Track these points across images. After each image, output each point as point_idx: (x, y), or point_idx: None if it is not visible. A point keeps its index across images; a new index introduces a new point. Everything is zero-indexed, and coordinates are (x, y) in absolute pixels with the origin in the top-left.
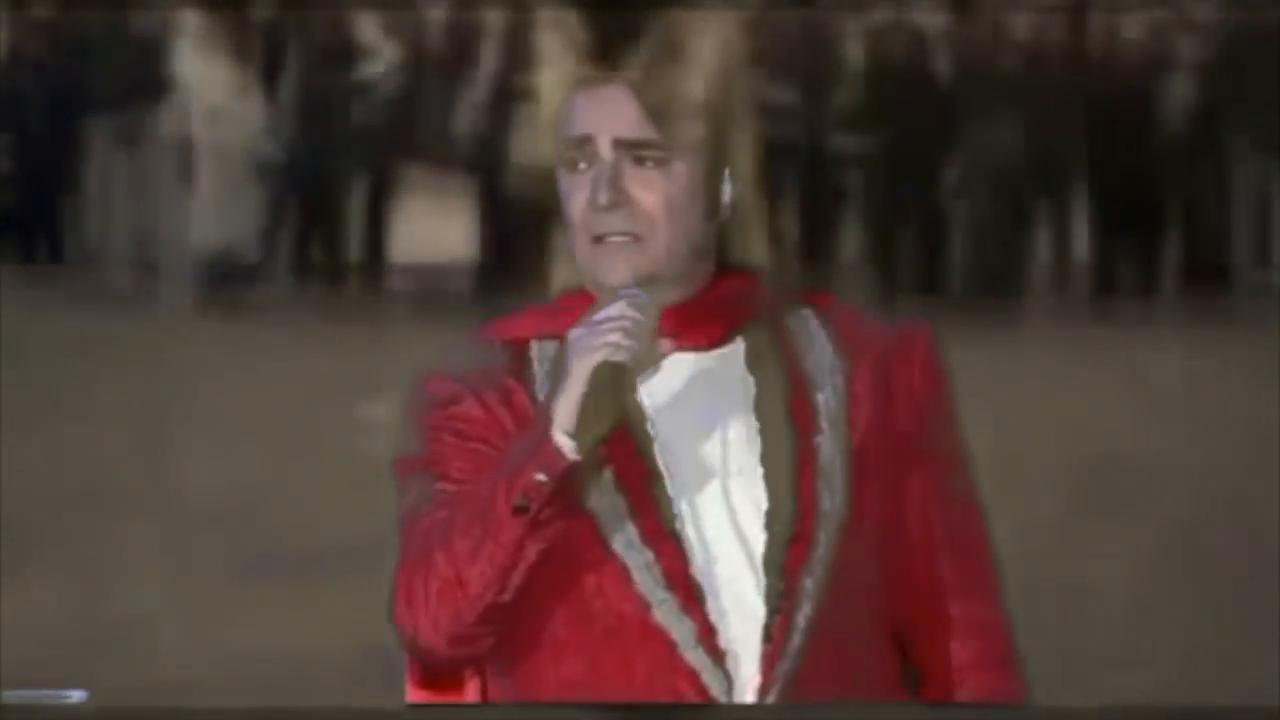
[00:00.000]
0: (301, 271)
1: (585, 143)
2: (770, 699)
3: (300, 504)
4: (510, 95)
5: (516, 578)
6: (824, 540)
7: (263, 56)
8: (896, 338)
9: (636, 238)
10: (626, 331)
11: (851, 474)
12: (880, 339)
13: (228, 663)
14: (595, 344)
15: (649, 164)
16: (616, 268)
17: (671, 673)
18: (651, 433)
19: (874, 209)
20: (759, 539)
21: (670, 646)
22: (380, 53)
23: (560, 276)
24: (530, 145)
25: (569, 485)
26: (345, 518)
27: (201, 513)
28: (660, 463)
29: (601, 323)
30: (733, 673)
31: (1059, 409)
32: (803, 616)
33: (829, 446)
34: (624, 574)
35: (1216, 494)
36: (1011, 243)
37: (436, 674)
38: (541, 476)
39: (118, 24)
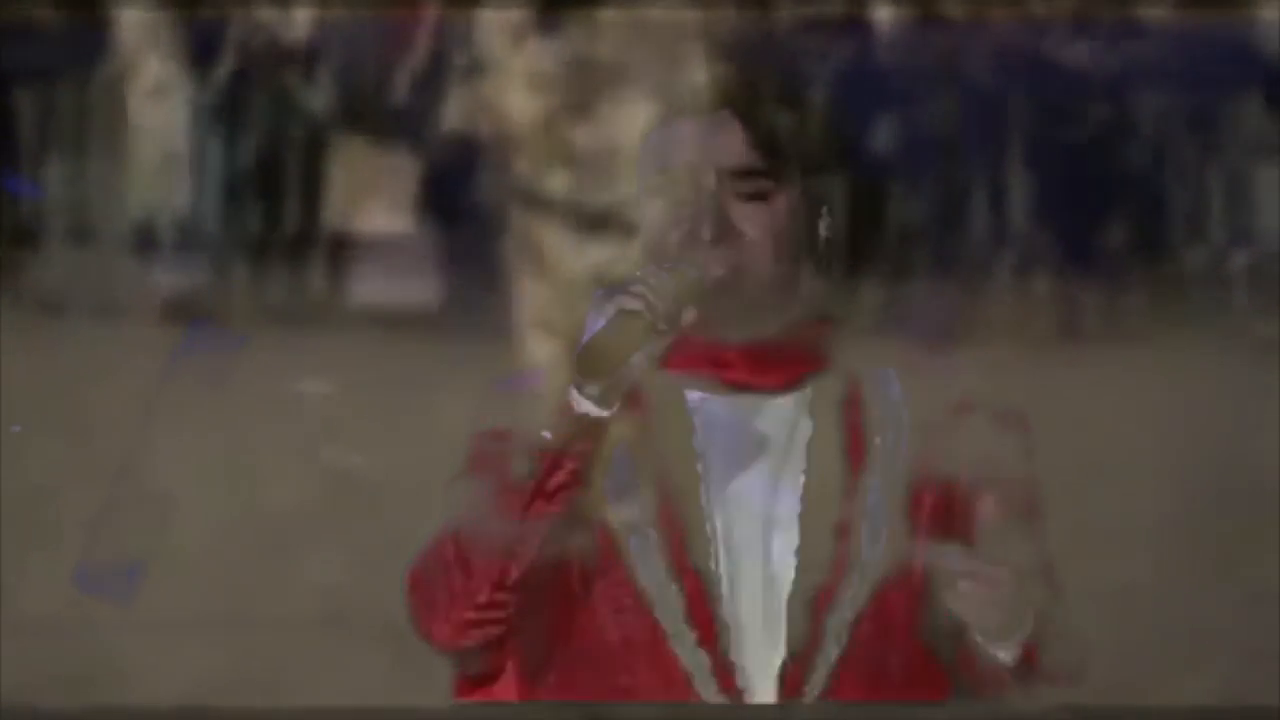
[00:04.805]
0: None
1: (686, 174)
2: None
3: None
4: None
5: (525, 551)
6: (858, 582)
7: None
8: (969, 400)
9: (738, 271)
10: (649, 286)
11: (901, 519)
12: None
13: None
14: (616, 295)
15: (752, 197)
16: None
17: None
18: (699, 470)
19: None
20: (790, 579)
21: (686, 680)
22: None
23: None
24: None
25: (575, 444)
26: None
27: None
28: (705, 499)
29: (631, 281)
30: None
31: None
32: (823, 660)
33: (879, 490)
34: (646, 603)
35: (1203, 490)
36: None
37: (475, 677)
38: (544, 433)
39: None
